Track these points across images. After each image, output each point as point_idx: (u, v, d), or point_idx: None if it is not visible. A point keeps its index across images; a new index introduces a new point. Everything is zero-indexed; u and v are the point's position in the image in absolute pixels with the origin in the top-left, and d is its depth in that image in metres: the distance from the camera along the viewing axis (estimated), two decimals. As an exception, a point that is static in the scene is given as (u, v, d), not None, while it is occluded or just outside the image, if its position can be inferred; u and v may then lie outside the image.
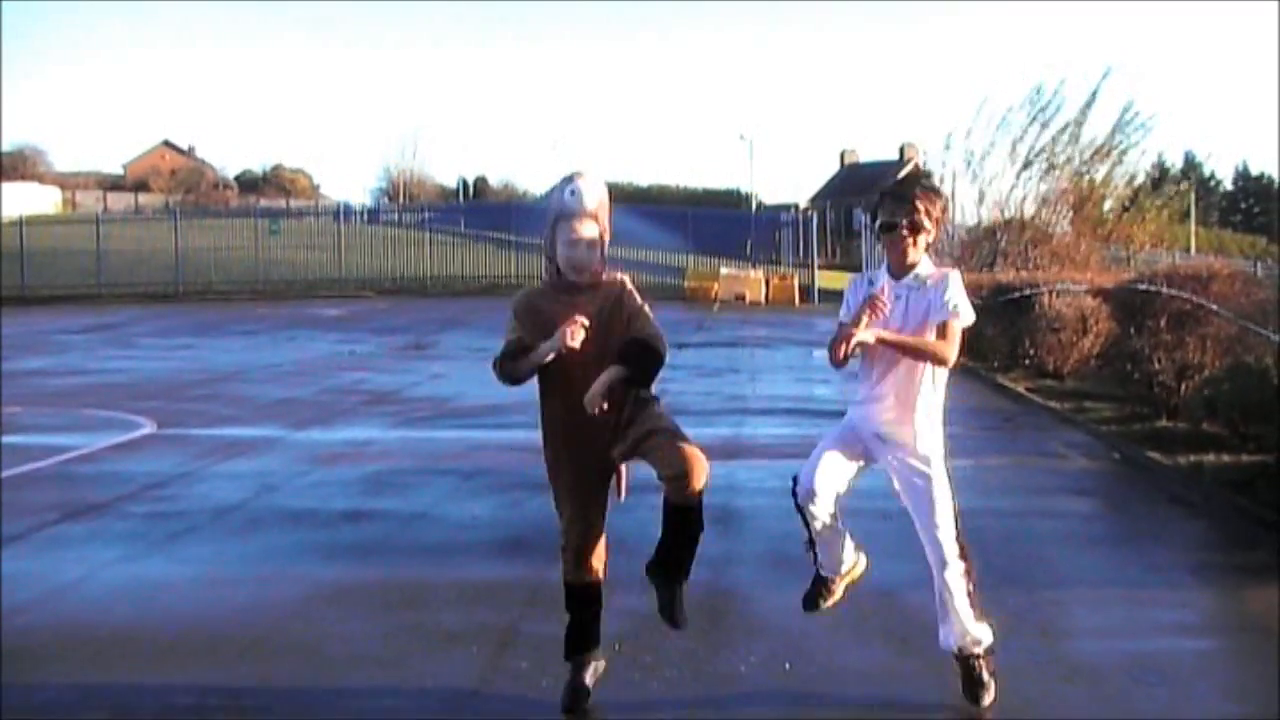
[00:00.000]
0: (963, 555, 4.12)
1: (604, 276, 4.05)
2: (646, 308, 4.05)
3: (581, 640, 4.20)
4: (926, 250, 4.12)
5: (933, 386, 4.12)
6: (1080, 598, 5.68)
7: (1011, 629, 4.97)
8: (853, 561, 4.37)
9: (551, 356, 3.88)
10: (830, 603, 4.43)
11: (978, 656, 4.17)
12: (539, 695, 4.33)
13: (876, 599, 5.25)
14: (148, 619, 5.32)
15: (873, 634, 4.98)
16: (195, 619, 5.29)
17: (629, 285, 4.07)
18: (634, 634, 4.98)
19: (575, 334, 3.79)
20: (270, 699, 4.37)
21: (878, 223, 4.10)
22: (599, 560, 4.19)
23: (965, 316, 4.07)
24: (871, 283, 4.17)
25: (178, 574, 6.14)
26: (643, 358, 3.91)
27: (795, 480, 4.23)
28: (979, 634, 4.17)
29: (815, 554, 4.34)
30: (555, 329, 3.88)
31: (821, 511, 4.17)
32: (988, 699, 4.15)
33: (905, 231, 4.02)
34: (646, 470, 4.04)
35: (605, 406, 3.84)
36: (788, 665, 4.54)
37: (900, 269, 4.11)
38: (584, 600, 4.20)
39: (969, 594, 4.12)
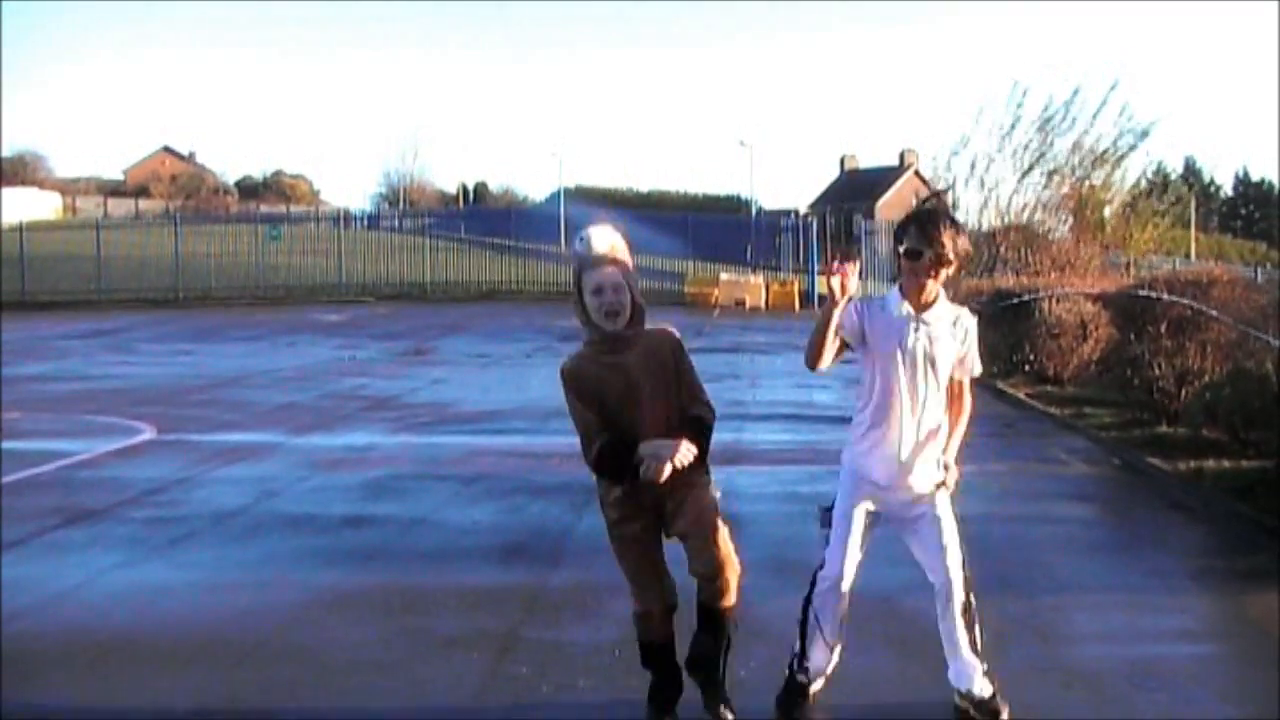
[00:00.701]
0: (967, 589, 4.04)
1: (647, 325, 4.02)
2: (700, 381, 4.06)
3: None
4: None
5: (946, 431, 4.09)
6: (1080, 603, 5.68)
7: (1012, 634, 4.98)
8: (830, 668, 4.24)
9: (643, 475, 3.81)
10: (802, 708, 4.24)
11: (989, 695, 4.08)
12: (539, 701, 4.33)
13: (876, 604, 5.25)
14: (148, 624, 5.33)
15: (873, 639, 4.98)
16: (195, 624, 5.29)
17: (680, 343, 4.06)
18: (633, 640, 4.98)
19: (661, 473, 3.74)
20: (270, 704, 4.36)
21: (903, 247, 3.95)
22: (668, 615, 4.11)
23: (979, 371, 4.10)
24: (884, 309, 4.02)
25: (178, 579, 6.14)
26: (703, 437, 3.90)
27: (817, 573, 4.14)
28: (983, 683, 4.07)
29: (805, 661, 4.19)
30: (607, 391, 3.88)
31: (837, 604, 4.10)
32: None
33: (929, 264, 3.90)
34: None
35: (664, 474, 3.76)
36: (786, 671, 4.52)
37: (919, 301, 3.98)
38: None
39: (973, 624, 4.05)
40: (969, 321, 4.06)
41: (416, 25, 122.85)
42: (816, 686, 4.24)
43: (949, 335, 4.00)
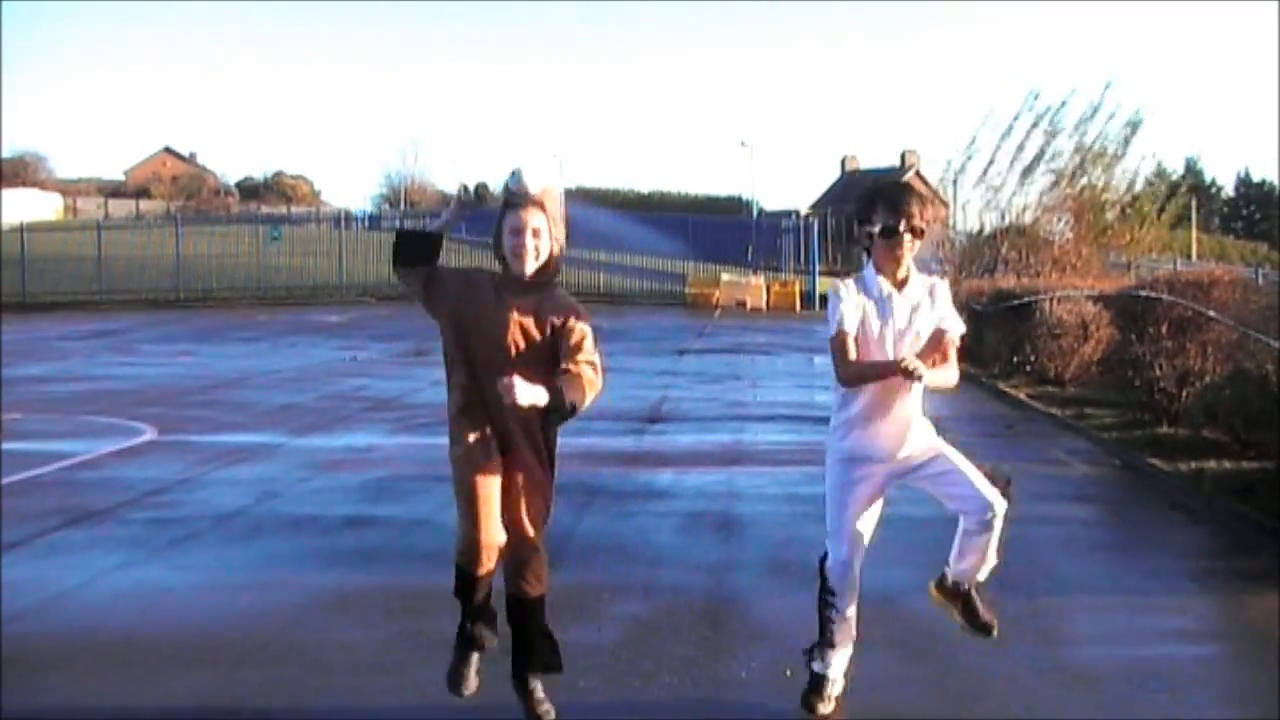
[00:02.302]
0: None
1: (557, 289, 3.82)
2: (591, 344, 3.75)
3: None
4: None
5: (926, 392, 4.10)
6: (1081, 604, 5.68)
7: (1013, 635, 4.97)
8: (846, 661, 4.26)
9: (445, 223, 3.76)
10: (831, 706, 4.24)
11: (976, 585, 4.18)
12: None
13: (877, 605, 5.24)
14: (149, 625, 5.33)
15: (874, 640, 4.97)
16: (196, 625, 5.29)
17: (581, 313, 3.79)
18: (633, 640, 4.99)
19: (512, 390, 3.41)
20: (271, 705, 4.36)
21: (877, 226, 3.96)
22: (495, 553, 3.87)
23: (961, 331, 4.08)
24: (866, 289, 4.02)
25: (179, 580, 6.14)
26: (569, 392, 3.55)
27: (823, 560, 4.15)
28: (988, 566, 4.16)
29: (822, 651, 4.21)
30: (478, 315, 3.72)
31: (851, 587, 4.12)
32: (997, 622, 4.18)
33: (907, 238, 3.94)
34: (647, 478, 4.03)
35: (519, 400, 3.43)
36: (788, 672, 4.53)
37: (897, 276, 4.02)
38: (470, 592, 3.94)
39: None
40: (940, 285, 4.10)
41: (417, 26, 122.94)
42: (837, 688, 4.24)
43: (927, 305, 4.03)
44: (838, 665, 4.24)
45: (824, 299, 33.93)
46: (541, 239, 3.75)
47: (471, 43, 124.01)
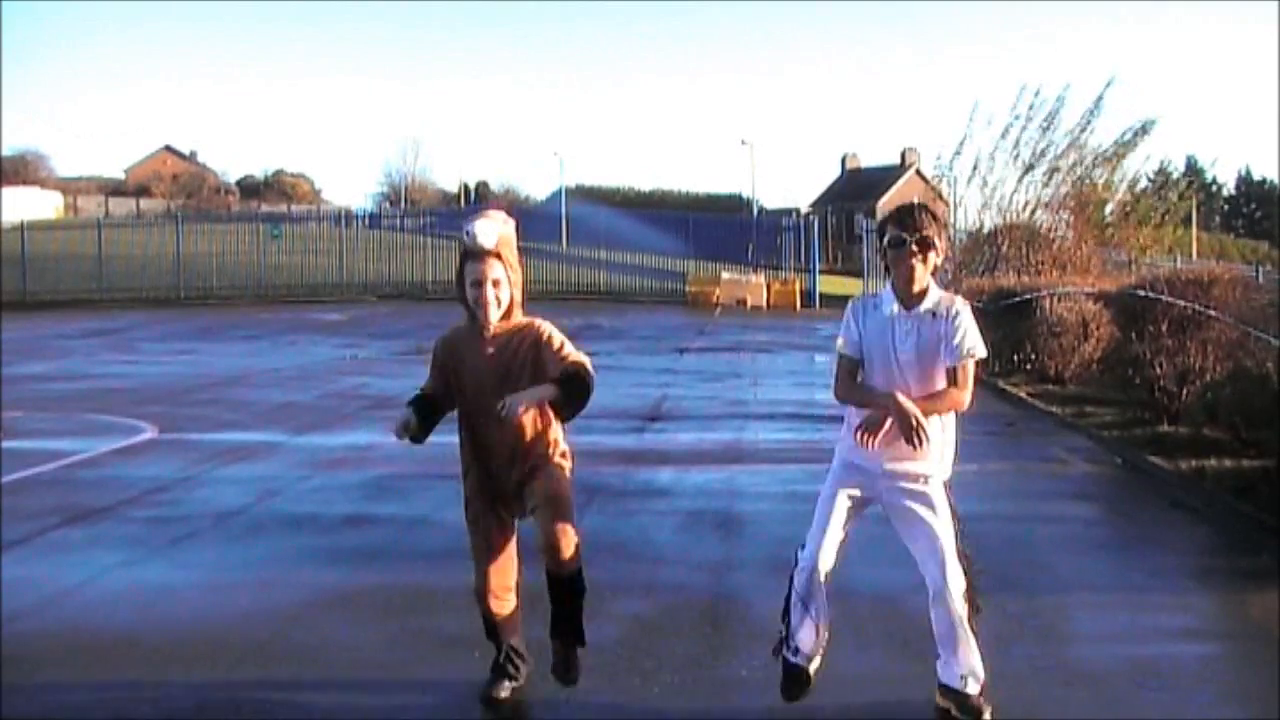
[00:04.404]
0: (966, 575, 3.99)
1: (517, 318, 4.09)
2: (569, 346, 4.06)
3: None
4: (932, 275, 4.01)
5: (943, 418, 4.03)
6: (1082, 602, 5.68)
7: (1013, 634, 4.97)
8: (822, 649, 4.19)
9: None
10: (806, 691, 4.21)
11: (974, 694, 4.04)
12: (539, 700, 4.33)
13: (876, 604, 5.26)
14: (149, 624, 5.32)
15: (873, 639, 4.98)
16: (196, 624, 5.29)
17: (545, 328, 4.10)
18: (634, 639, 4.98)
19: (517, 409, 3.87)
20: (271, 704, 4.36)
21: (885, 240, 3.98)
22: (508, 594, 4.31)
23: (979, 353, 3.99)
24: (877, 307, 4.02)
25: (179, 579, 6.14)
26: (572, 384, 3.96)
27: (798, 552, 4.12)
28: (979, 670, 4.03)
29: (792, 641, 4.15)
30: (466, 373, 4.08)
31: (821, 581, 4.06)
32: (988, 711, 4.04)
33: (915, 248, 3.91)
34: (647, 476, 4.03)
35: (521, 411, 3.89)
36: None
37: (909, 292, 3.97)
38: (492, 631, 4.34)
39: (970, 620, 3.99)
40: (960, 306, 4.03)
41: (418, 24, 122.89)
42: (814, 666, 4.18)
43: (941, 325, 3.97)
44: (813, 645, 4.14)
45: (824, 298, 33.80)
46: (501, 287, 4.04)
47: (472, 40, 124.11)
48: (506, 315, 4.06)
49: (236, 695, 4.42)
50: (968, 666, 4.03)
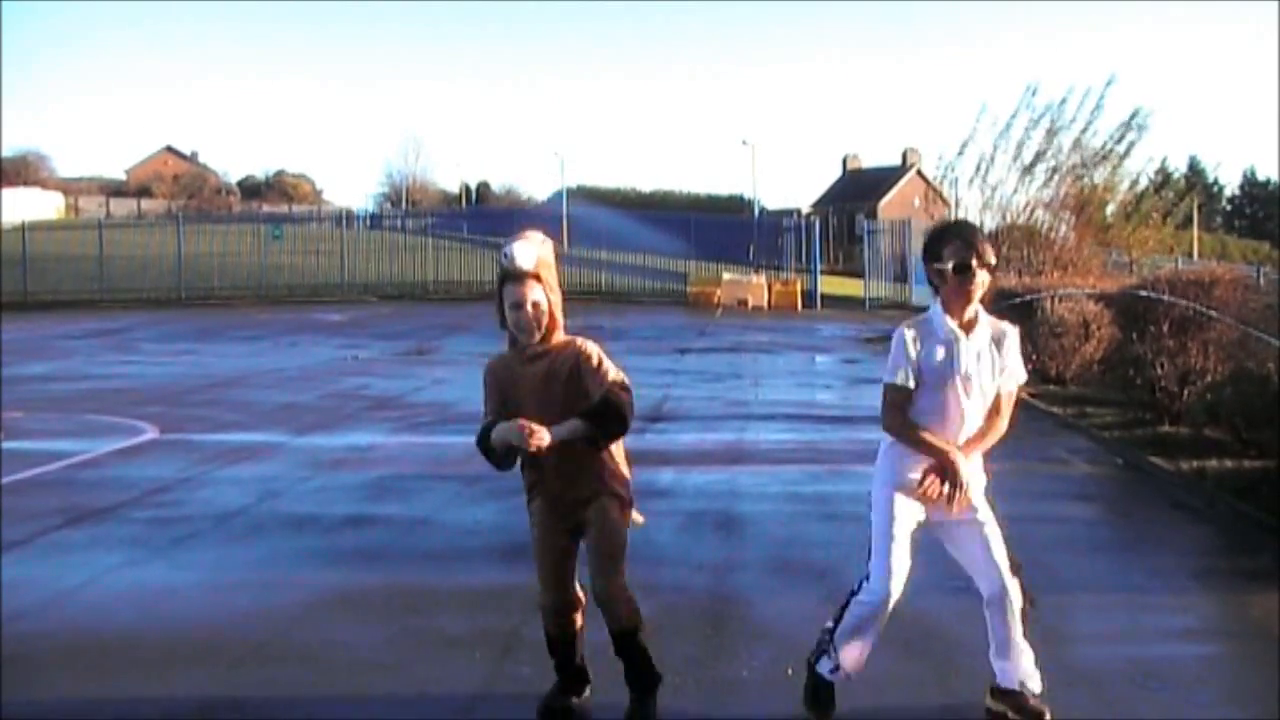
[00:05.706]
0: (1017, 576, 4.01)
1: (558, 338, 4.03)
2: (609, 365, 3.99)
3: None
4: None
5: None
6: (1083, 603, 5.67)
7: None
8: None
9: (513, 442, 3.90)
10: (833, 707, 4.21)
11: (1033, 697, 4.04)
12: (540, 699, 4.32)
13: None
14: (150, 625, 5.33)
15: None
16: (198, 625, 5.29)
17: (586, 348, 4.01)
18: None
19: (532, 442, 3.79)
20: (272, 705, 4.36)
21: (950, 264, 3.84)
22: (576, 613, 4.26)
23: (1023, 378, 4.05)
24: (931, 333, 3.94)
25: (180, 579, 6.14)
26: (604, 415, 3.90)
27: (864, 583, 4.06)
28: (1036, 672, 4.04)
29: (835, 657, 4.13)
30: (512, 398, 4.00)
31: (882, 623, 4.05)
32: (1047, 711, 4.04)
33: (982, 273, 3.84)
34: (648, 477, 4.03)
35: (544, 445, 3.80)
36: (790, 671, 4.52)
37: (964, 317, 3.92)
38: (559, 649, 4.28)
39: (1025, 622, 4.01)
40: (1010, 330, 4.03)
41: (418, 25, 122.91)
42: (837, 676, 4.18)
43: (993, 352, 3.97)
44: (858, 661, 4.14)
45: (825, 298, 33.80)
46: (541, 309, 3.95)
47: (473, 41, 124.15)
48: (547, 336, 4.00)
49: (238, 695, 4.42)
50: (1026, 669, 4.04)
